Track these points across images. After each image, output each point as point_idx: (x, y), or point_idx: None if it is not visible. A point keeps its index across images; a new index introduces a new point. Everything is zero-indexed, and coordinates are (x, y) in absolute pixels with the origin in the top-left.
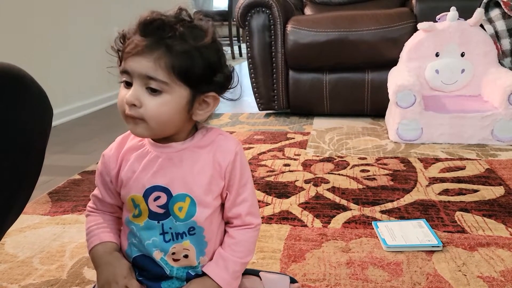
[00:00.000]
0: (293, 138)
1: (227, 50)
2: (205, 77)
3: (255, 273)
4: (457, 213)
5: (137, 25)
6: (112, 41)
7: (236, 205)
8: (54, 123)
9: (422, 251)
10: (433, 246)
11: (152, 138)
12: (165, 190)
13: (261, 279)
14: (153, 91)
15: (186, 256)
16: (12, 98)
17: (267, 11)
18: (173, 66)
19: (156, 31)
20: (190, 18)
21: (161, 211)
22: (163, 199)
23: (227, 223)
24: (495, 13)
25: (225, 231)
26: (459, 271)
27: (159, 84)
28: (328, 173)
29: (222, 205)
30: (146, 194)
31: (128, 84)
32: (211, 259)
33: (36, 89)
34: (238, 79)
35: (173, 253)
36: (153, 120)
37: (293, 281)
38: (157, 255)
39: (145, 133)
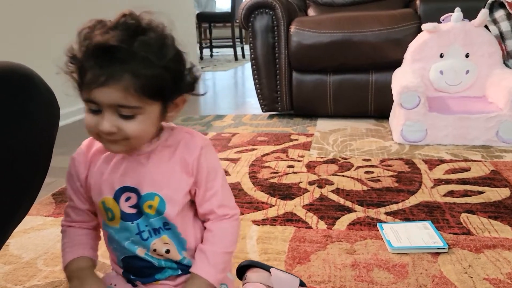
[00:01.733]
0: (297, 140)
1: (223, 51)
2: (174, 88)
3: (266, 268)
4: (463, 214)
5: (89, 52)
6: (62, 62)
7: (206, 200)
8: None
9: (428, 253)
10: (438, 248)
11: None
12: (135, 190)
13: (271, 275)
14: (127, 117)
15: (168, 251)
16: (22, 96)
17: (271, 13)
18: (143, 90)
19: (115, 60)
20: (138, 22)
21: (133, 211)
22: (134, 199)
23: (204, 220)
24: (499, 14)
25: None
26: (465, 273)
27: (131, 110)
28: (332, 174)
29: (193, 202)
30: (117, 195)
31: (95, 111)
32: (192, 251)
33: (44, 88)
34: (200, 75)
35: (154, 250)
36: (134, 139)
37: (302, 284)
38: (140, 252)
39: (124, 149)
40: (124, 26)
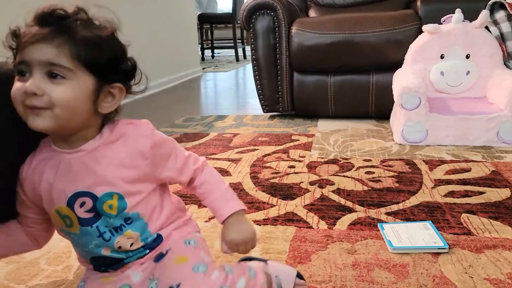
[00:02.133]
0: (298, 140)
1: (224, 52)
2: (110, 66)
3: (263, 260)
4: (463, 215)
5: (34, 17)
6: (3, 38)
7: (182, 171)
8: None
9: (428, 253)
10: (439, 248)
11: (57, 139)
12: (89, 194)
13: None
14: (55, 77)
15: (131, 245)
16: None
17: (272, 14)
18: (78, 53)
19: (56, 21)
20: (88, 17)
21: (90, 215)
22: (89, 203)
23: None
24: (500, 15)
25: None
26: (466, 273)
27: (62, 71)
28: (333, 175)
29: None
30: (70, 202)
31: (23, 75)
32: (156, 230)
33: None
34: (141, 72)
35: (119, 247)
36: (59, 106)
37: (301, 277)
38: (105, 251)
39: (48, 124)
40: (74, 12)
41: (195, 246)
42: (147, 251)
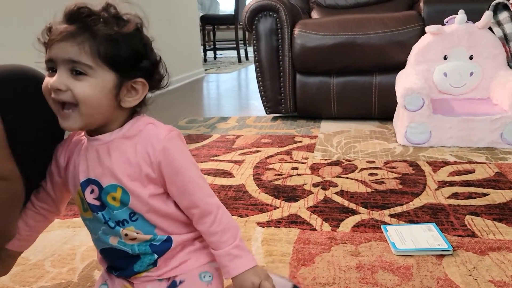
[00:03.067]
0: (301, 142)
1: (226, 53)
2: (130, 62)
3: None
4: (467, 217)
5: (63, 15)
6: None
7: (182, 198)
8: None
9: (432, 255)
10: (443, 250)
11: (86, 131)
12: (96, 183)
13: None
14: (78, 74)
15: (138, 233)
16: (31, 96)
17: (274, 15)
18: (98, 50)
19: (80, 18)
20: (116, 12)
21: (97, 203)
22: (96, 191)
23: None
24: (503, 15)
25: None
26: (470, 275)
27: (83, 68)
28: (336, 176)
29: (166, 194)
30: (82, 187)
31: (53, 71)
32: (165, 233)
33: None
34: (166, 68)
35: (126, 234)
36: (82, 102)
37: None
38: (113, 240)
39: (77, 124)
40: (103, 8)
41: (209, 283)
42: (155, 256)
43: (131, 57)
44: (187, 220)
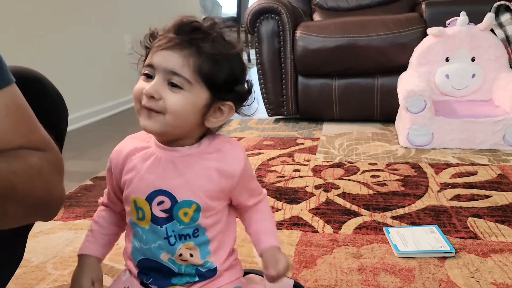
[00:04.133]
0: (303, 144)
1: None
2: (227, 84)
3: (260, 273)
4: (470, 219)
5: (172, 25)
6: (142, 38)
7: (246, 199)
8: None
9: (435, 257)
10: (445, 252)
11: (160, 139)
12: (169, 195)
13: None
14: (174, 86)
15: (191, 255)
16: (32, 98)
17: (276, 18)
18: (201, 67)
19: (190, 32)
20: (222, 32)
21: (164, 215)
22: (167, 204)
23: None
24: (505, 17)
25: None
26: (472, 277)
27: (181, 81)
28: (338, 178)
29: (230, 205)
30: (150, 197)
31: (149, 77)
32: (216, 257)
33: (53, 92)
34: (255, 96)
35: (180, 254)
36: (171, 113)
37: (299, 286)
38: (164, 256)
39: (157, 127)
40: (210, 25)
41: None
42: (196, 278)
43: (229, 80)
44: (233, 244)
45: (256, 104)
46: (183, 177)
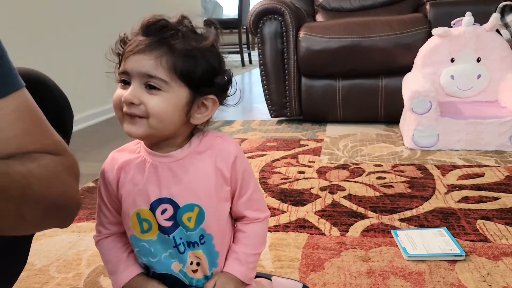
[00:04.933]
0: (307, 145)
1: (230, 57)
2: (205, 78)
3: (268, 277)
4: (479, 221)
5: (139, 27)
6: (112, 45)
7: (240, 205)
8: None
9: (445, 260)
10: (455, 256)
11: (147, 143)
12: (171, 202)
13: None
14: (152, 89)
15: (198, 264)
16: (38, 99)
17: (279, 18)
18: (175, 65)
19: (158, 31)
20: (192, 25)
21: (169, 224)
22: (170, 211)
23: (236, 219)
24: (511, 18)
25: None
26: (484, 281)
27: (158, 82)
28: (344, 180)
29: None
30: (153, 207)
31: (126, 84)
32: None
33: (58, 93)
34: (237, 85)
35: (191, 263)
36: (154, 116)
37: None
38: (175, 267)
39: (141, 131)
40: (179, 20)
41: None
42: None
43: (207, 74)
44: None
45: (240, 94)
46: (182, 182)
